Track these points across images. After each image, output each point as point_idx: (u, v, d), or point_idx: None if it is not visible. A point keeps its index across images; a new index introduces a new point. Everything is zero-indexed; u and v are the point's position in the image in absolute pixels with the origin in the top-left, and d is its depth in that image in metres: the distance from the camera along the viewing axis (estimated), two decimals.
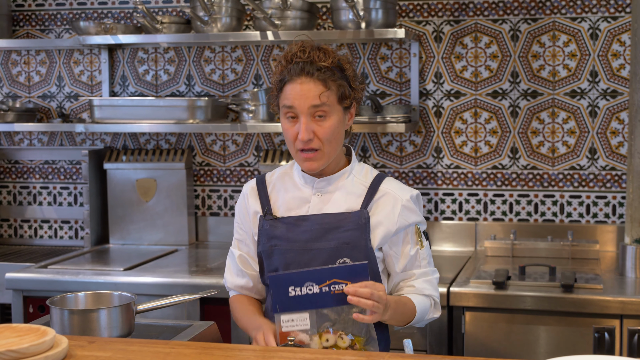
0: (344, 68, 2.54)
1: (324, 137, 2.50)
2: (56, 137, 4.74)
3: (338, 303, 2.30)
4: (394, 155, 4.32)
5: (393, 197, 2.60)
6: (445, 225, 4.27)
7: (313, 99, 2.47)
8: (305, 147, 2.50)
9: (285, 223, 2.59)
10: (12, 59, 4.77)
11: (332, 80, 2.49)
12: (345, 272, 2.31)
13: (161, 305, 2.60)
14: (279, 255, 2.57)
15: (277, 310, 2.30)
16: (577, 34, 4.10)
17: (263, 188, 2.68)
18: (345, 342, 2.31)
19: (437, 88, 4.26)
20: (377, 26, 3.96)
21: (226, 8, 4.14)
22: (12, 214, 4.83)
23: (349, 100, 2.54)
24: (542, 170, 4.18)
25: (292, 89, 2.49)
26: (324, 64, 2.49)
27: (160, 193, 4.49)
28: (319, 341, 2.31)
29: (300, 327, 2.31)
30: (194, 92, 4.55)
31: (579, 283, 3.42)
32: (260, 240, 2.62)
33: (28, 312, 3.88)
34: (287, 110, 2.51)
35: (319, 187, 2.61)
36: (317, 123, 2.49)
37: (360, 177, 2.64)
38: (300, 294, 2.30)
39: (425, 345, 3.48)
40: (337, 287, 2.30)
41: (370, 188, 2.61)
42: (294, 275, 2.31)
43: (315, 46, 2.53)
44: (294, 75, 2.49)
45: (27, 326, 2.25)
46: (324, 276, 2.30)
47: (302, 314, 2.30)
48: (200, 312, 3.69)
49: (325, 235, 2.54)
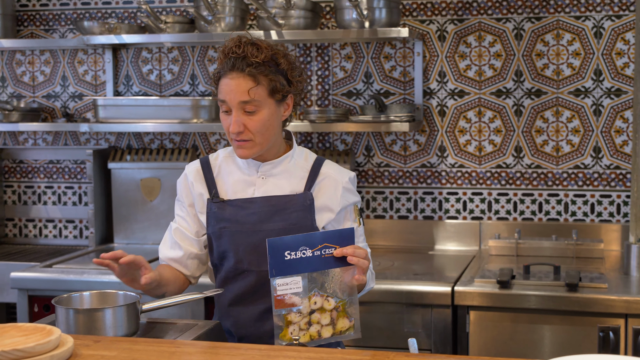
0: (278, 62, 2.63)
1: (254, 130, 2.61)
2: (60, 137, 4.75)
3: (328, 266, 2.41)
4: (398, 154, 4.32)
5: (334, 179, 2.74)
6: (449, 225, 4.27)
7: (242, 94, 2.58)
8: (237, 138, 2.63)
9: (233, 206, 2.71)
10: (17, 58, 4.78)
11: (263, 75, 2.59)
12: (335, 236, 2.41)
13: (166, 304, 2.61)
14: (228, 237, 2.69)
15: (273, 274, 2.37)
16: (581, 32, 4.10)
17: (209, 170, 2.79)
18: (330, 305, 2.41)
19: (441, 87, 4.26)
20: (380, 25, 3.96)
21: (230, 8, 4.14)
22: (17, 214, 4.84)
23: (281, 94, 2.64)
24: (546, 169, 4.18)
25: (224, 84, 2.62)
26: (256, 60, 2.58)
27: (165, 192, 4.49)
28: (309, 304, 2.40)
29: (293, 290, 2.39)
30: (198, 91, 4.56)
31: (584, 282, 3.42)
32: (209, 222, 2.73)
33: (33, 312, 3.89)
34: (221, 103, 2.64)
35: (263, 171, 2.73)
36: (247, 117, 2.61)
37: (301, 160, 2.77)
38: (295, 257, 2.38)
39: (429, 345, 3.48)
40: (327, 251, 2.40)
41: (311, 171, 2.74)
42: (290, 240, 2.39)
43: (251, 41, 2.62)
44: (227, 70, 2.61)
45: (33, 325, 2.25)
46: (316, 240, 2.39)
47: (295, 277, 2.39)
48: (205, 311, 3.69)
49: (272, 217, 2.67)
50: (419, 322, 3.48)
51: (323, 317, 2.41)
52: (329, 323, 2.42)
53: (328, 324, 2.42)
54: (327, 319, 2.42)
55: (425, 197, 4.31)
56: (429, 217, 4.31)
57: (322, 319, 2.41)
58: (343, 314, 2.43)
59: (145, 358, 2.16)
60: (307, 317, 2.40)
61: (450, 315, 3.46)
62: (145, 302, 2.59)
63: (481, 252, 4.17)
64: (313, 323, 2.41)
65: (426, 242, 4.28)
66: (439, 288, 3.47)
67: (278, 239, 2.38)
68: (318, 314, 2.41)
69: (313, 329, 2.41)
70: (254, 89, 2.58)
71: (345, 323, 2.44)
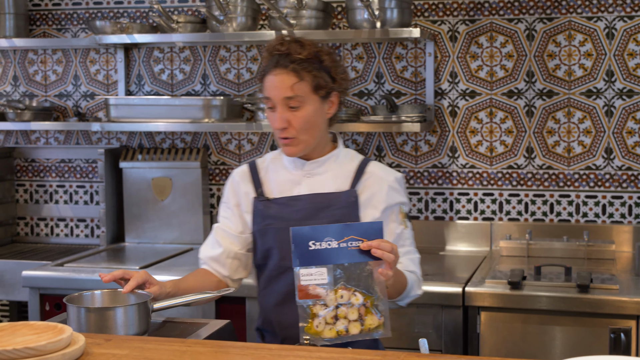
0: (322, 59, 2.65)
1: (298, 126, 2.63)
2: (72, 136, 4.76)
3: (353, 259, 2.37)
4: (409, 154, 4.32)
5: (379, 177, 2.73)
6: (460, 225, 4.27)
7: (285, 90, 2.61)
8: (281, 135, 2.65)
9: (279, 203, 2.72)
10: (29, 58, 4.80)
11: (307, 72, 2.62)
12: (363, 229, 2.38)
13: (177, 303, 2.61)
14: (272, 234, 2.69)
15: (298, 264, 2.35)
16: (593, 33, 4.09)
17: (255, 172, 2.81)
18: (358, 300, 2.37)
19: (453, 87, 4.25)
20: (392, 26, 3.96)
21: (241, 7, 4.14)
22: (29, 213, 4.86)
23: (325, 90, 2.65)
24: (557, 170, 4.17)
25: (268, 81, 2.64)
26: (299, 56, 2.61)
27: (176, 192, 4.50)
28: (334, 297, 2.36)
29: (318, 281, 2.36)
30: (210, 91, 4.56)
31: (595, 283, 3.41)
32: (255, 220, 2.74)
33: (44, 310, 3.90)
34: (266, 100, 2.66)
35: (308, 170, 2.74)
36: (291, 113, 2.63)
37: (347, 160, 2.77)
38: (320, 248, 2.35)
39: (440, 345, 3.47)
40: (353, 243, 2.37)
41: (357, 170, 2.74)
42: (315, 230, 2.36)
43: (294, 39, 2.66)
44: (271, 67, 2.65)
45: (45, 324, 2.26)
46: (343, 232, 2.36)
47: (320, 268, 2.36)
48: (216, 311, 3.69)
49: (317, 213, 2.67)
50: (429, 323, 3.48)
51: (350, 312, 2.37)
52: (356, 319, 2.37)
53: (356, 319, 2.37)
54: (354, 314, 2.37)
55: (436, 197, 4.31)
56: (440, 217, 4.31)
57: (349, 314, 2.37)
58: (372, 310, 2.38)
59: (156, 357, 2.16)
60: (333, 311, 2.36)
61: (461, 315, 3.46)
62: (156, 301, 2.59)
63: (492, 252, 4.16)
64: (340, 318, 2.36)
65: (437, 243, 4.27)
66: (450, 289, 3.47)
67: (302, 228, 2.36)
68: (345, 308, 2.36)
69: (340, 324, 2.37)
70: (297, 85, 2.60)
71: (374, 320, 2.38)
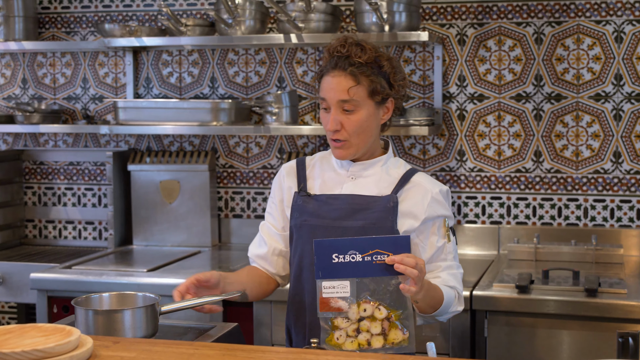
0: (381, 64, 2.62)
1: (351, 130, 2.61)
2: (81, 139, 4.77)
3: (379, 273, 2.34)
4: (417, 158, 4.32)
5: (424, 188, 2.68)
6: (468, 229, 4.26)
7: (342, 93, 2.58)
8: (333, 137, 2.63)
9: (318, 200, 2.70)
10: (38, 61, 4.81)
11: (365, 76, 2.59)
12: (389, 243, 2.35)
13: (185, 306, 2.61)
14: (307, 230, 2.66)
15: (320, 276, 2.33)
16: (602, 37, 4.08)
17: (302, 168, 2.79)
18: (382, 314, 2.34)
19: (461, 91, 4.25)
20: (400, 29, 3.96)
21: (250, 11, 4.15)
22: (37, 215, 4.87)
23: (381, 96, 2.63)
24: (565, 174, 4.16)
25: (326, 82, 2.63)
26: (358, 60, 2.58)
27: (184, 195, 4.50)
28: (357, 310, 2.34)
29: (340, 294, 2.34)
30: (218, 94, 4.57)
31: (603, 287, 3.41)
32: (293, 215, 2.72)
33: (52, 312, 3.90)
34: (322, 101, 2.64)
35: (353, 171, 2.72)
36: (345, 115, 2.61)
37: (394, 167, 2.74)
38: (343, 261, 2.34)
39: (447, 349, 3.47)
40: (379, 257, 2.34)
41: (402, 178, 2.70)
42: (339, 242, 2.35)
43: (356, 42, 2.62)
44: (329, 69, 2.63)
45: (53, 326, 2.26)
46: (367, 245, 2.34)
47: (343, 281, 2.33)
48: (223, 314, 3.70)
49: (354, 214, 2.63)
50: (437, 327, 3.47)
51: (373, 325, 2.34)
52: (379, 333, 2.34)
53: (379, 333, 2.34)
54: (377, 328, 2.34)
55: None
56: None
57: (372, 328, 2.34)
58: (396, 325, 2.35)
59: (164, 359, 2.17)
60: (355, 324, 2.33)
61: (469, 319, 3.46)
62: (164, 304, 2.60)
63: (500, 256, 4.16)
64: (362, 331, 2.34)
65: None
66: None
67: (326, 240, 2.36)
68: (368, 322, 2.34)
69: (362, 337, 2.34)
70: (354, 88, 2.58)
71: (398, 335, 2.35)
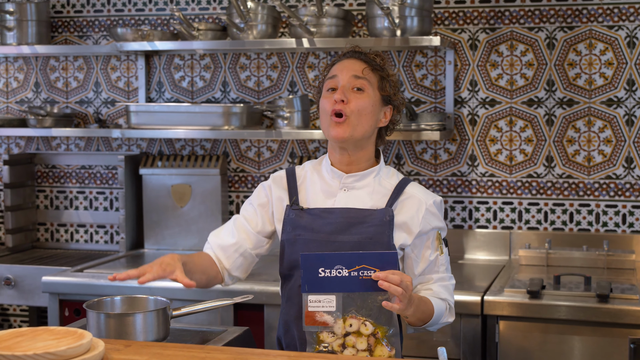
0: (389, 73, 2.69)
1: (355, 107, 2.60)
2: (93, 143, 4.79)
3: (365, 289, 2.34)
4: (429, 163, 4.31)
5: (418, 200, 2.66)
6: (479, 234, 4.26)
7: (356, 70, 2.62)
8: (336, 108, 2.59)
9: (311, 214, 2.65)
10: (51, 64, 4.83)
11: (377, 70, 2.66)
12: (375, 259, 2.35)
13: (196, 310, 2.62)
14: (302, 245, 2.61)
15: (306, 289, 2.33)
16: (614, 42, 4.07)
17: (293, 179, 2.75)
18: (368, 330, 2.33)
19: (472, 96, 4.25)
20: (412, 34, 3.96)
21: (262, 15, 4.16)
22: (49, 218, 4.88)
23: (387, 94, 2.66)
24: (577, 179, 4.15)
25: (339, 64, 2.67)
26: (372, 57, 2.67)
27: (195, 199, 4.51)
28: (343, 325, 2.33)
29: (325, 308, 2.33)
30: (230, 98, 4.58)
31: (615, 293, 3.40)
32: (285, 228, 2.67)
33: (64, 316, 3.91)
34: (330, 81, 2.65)
35: (346, 183, 2.68)
36: (353, 94, 2.61)
37: (386, 178, 2.71)
38: (329, 275, 2.33)
39: (458, 354, 3.47)
40: (365, 272, 2.34)
41: (395, 189, 2.67)
42: (325, 257, 2.34)
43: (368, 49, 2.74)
44: (342, 59, 2.68)
45: (65, 329, 2.27)
46: (354, 261, 2.34)
47: (329, 295, 2.33)
48: (234, 318, 3.70)
49: (349, 229, 2.60)
50: (448, 331, 3.47)
51: (359, 341, 2.33)
52: (365, 349, 2.33)
53: (364, 349, 2.33)
54: (363, 344, 2.33)
55: (456, 206, 4.30)
56: (459, 226, 4.30)
57: (357, 344, 2.33)
58: (382, 341, 2.34)
59: None
60: (341, 339, 2.33)
61: (480, 324, 3.45)
62: (174, 307, 2.60)
63: (511, 261, 4.15)
64: (348, 346, 2.33)
65: (456, 251, 4.26)
66: (469, 297, 3.46)
67: (313, 254, 2.35)
68: (354, 337, 2.33)
69: (348, 352, 2.33)
70: (367, 70, 2.63)
71: (384, 351, 2.34)
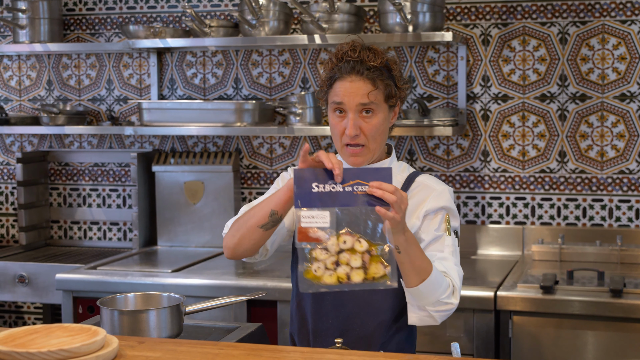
0: (391, 68, 2.61)
1: (370, 134, 2.56)
2: (105, 140, 4.80)
3: (360, 204, 2.28)
4: (441, 158, 4.31)
5: (427, 186, 2.66)
6: (492, 229, 4.25)
7: (362, 97, 2.54)
8: (352, 142, 2.56)
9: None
10: (63, 62, 4.84)
11: (380, 80, 2.56)
12: (370, 174, 2.30)
13: (209, 306, 2.63)
14: None
15: (298, 205, 2.27)
16: (627, 37, 4.06)
17: None
18: (362, 247, 2.25)
19: (485, 91, 4.24)
20: (424, 29, 3.96)
21: (274, 12, 4.16)
22: (62, 216, 4.90)
23: (395, 99, 2.61)
24: (590, 174, 4.14)
25: (342, 86, 2.56)
26: (373, 64, 2.55)
27: (208, 195, 4.52)
28: (337, 241, 2.26)
29: (319, 224, 2.27)
30: (242, 95, 4.58)
31: (628, 288, 3.39)
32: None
33: (78, 313, 3.93)
34: (337, 106, 2.57)
35: None
36: (364, 120, 2.56)
37: (398, 171, 2.71)
38: (323, 190, 2.29)
39: (472, 349, 3.47)
40: (360, 187, 2.28)
41: (406, 180, 2.68)
42: (319, 172, 2.30)
43: (366, 46, 2.59)
44: (344, 73, 2.56)
45: (79, 326, 2.28)
46: (349, 176, 2.29)
47: (323, 211, 2.27)
48: (247, 314, 3.71)
49: None
50: (461, 327, 3.47)
51: (353, 258, 2.25)
52: (359, 266, 2.26)
53: (359, 267, 2.26)
54: (357, 261, 2.26)
55: (468, 201, 4.29)
56: (472, 221, 4.30)
57: (351, 261, 2.25)
58: (377, 258, 2.26)
59: (189, 359, 2.18)
60: (334, 256, 2.25)
61: (493, 320, 3.45)
62: (188, 304, 2.61)
63: (524, 257, 4.14)
64: (341, 264, 2.25)
65: (469, 247, 4.26)
66: (482, 293, 3.46)
67: (306, 169, 2.30)
68: (347, 254, 2.25)
69: (341, 270, 2.26)
70: (373, 92, 2.55)
71: (379, 269, 2.27)
